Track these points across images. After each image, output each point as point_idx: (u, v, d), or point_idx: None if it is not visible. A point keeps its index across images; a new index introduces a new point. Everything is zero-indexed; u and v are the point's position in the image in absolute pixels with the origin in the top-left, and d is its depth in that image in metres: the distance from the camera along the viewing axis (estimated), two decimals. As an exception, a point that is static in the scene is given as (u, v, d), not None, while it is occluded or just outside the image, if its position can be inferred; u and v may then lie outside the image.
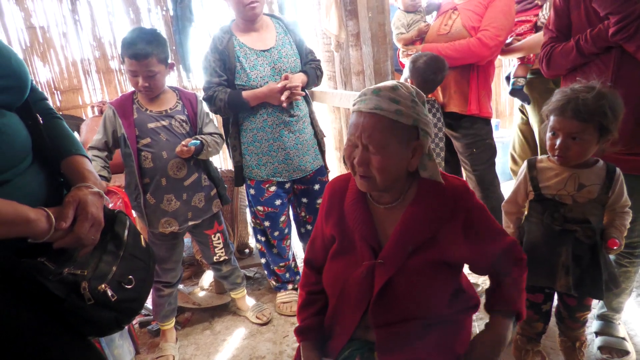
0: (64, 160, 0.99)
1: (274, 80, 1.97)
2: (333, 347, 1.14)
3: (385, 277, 1.04)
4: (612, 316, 1.70)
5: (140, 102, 1.83)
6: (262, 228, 2.19)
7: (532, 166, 1.36)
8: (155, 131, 1.81)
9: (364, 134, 0.99)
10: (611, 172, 1.27)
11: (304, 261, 1.29)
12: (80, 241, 0.88)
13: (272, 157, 2.05)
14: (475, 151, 2.13)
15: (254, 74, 1.95)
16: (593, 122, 1.18)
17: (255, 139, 2.04)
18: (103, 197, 0.96)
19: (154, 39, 1.73)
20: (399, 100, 0.98)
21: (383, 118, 0.98)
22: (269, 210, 2.12)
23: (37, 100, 1.03)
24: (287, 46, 2.04)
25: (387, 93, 0.99)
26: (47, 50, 3.08)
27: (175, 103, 1.87)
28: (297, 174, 2.10)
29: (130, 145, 1.78)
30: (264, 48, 1.99)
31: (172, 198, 1.87)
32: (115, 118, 1.79)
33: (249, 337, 2.11)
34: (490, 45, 1.95)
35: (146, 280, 1.01)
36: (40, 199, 0.90)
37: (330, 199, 1.18)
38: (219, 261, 2.13)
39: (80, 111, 3.20)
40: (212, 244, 2.08)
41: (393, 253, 1.05)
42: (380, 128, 0.98)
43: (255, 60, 1.97)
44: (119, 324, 0.94)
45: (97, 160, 1.78)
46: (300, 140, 2.07)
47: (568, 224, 1.27)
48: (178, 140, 1.83)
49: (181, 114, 1.86)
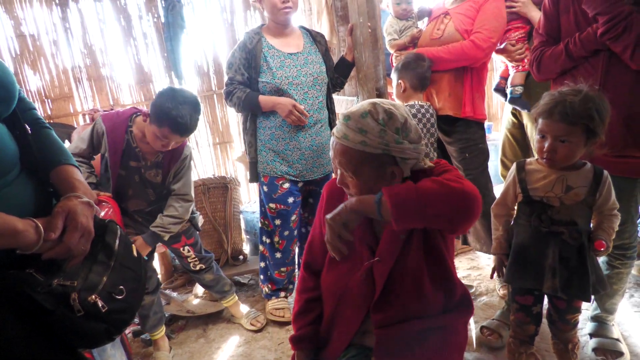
0: (53, 170, 0.98)
1: (299, 81, 2.03)
2: (330, 353, 1.13)
3: (385, 273, 1.05)
4: (605, 317, 1.71)
5: (134, 133, 1.80)
6: (269, 229, 2.19)
7: (520, 168, 1.37)
8: (133, 170, 1.83)
9: (336, 159, 1.03)
10: (598, 174, 1.28)
11: (302, 264, 1.28)
12: (70, 252, 0.87)
13: (287, 156, 2.08)
14: (468, 156, 2.15)
15: (280, 73, 2.01)
16: (580, 125, 1.20)
17: (272, 137, 2.08)
18: (93, 206, 0.95)
19: (197, 119, 1.72)
20: (366, 130, 0.98)
21: (349, 148, 1.00)
22: (282, 208, 2.13)
23: (26, 109, 1.02)
24: (313, 54, 2.11)
25: (354, 123, 0.99)
26: (37, 58, 3.06)
27: (157, 154, 1.85)
28: (309, 175, 2.14)
29: (112, 171, 1.79)
30: (291, 51, 2.06)
31: (127, 221, 1.90)
32: (103, 139, 1.78)
33: (244, 344, 2.10)
34: (484, 47, 1.98)
35: (137, 290, 1.00)
36: (28, 210, 0.89)
37: (329, 201, 1.19)
38: (195, 269, 2.13)
39: (71, 119, 3.18)
40: (183, 255, 2.10)
41: (387, 247, 1.06)
42: (349, 157, 1.00)
43: (282, 61, 2.03)
44: (110, 336, 0.92)
45: (83, 167, 1.79)
46: (316, 143, 2.11)
47: (555, 225, 1.28)
48: (147, 187, 1.86)
49: (155, 169, 1.86)
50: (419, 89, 2.03)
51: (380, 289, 1.05)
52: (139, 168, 1.83)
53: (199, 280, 2.22)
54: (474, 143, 2.14)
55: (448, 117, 2.12)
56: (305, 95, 2.05)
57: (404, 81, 2.02)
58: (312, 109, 2.08)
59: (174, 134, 1.67)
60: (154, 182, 1.87)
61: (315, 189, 2.26)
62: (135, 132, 1.80)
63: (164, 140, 1.69)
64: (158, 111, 1.64)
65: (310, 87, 2.07)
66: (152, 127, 1.69)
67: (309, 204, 2.31)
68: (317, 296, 1.21)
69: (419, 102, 2.01)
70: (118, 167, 1.79)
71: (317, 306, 1.21)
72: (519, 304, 1.44)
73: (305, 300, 1.22)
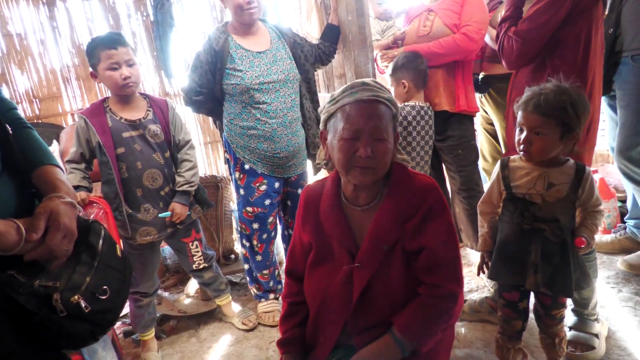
0: (35, 170, 0.97)
1: (270, 79, 1.98)
2: (317, 356, 1.13)
3: (364, 280, 1.05)
4: (582, 312, 1.71)
5: (112, 109, 1.81)
6: (248, 233, 2.17)
7: (504, 165, 1.38)
8: (129, 141, 1.80)
9: (371, 121, 1.00)
10: (580, 171, 1.29)
11: (285, 271, 1.29)
12: (53, 253, 0.86)
13: (262, 156, 2.05)
14: (461, 152, 2.16)
15: (250, 74, 1.97)
16: (554, 117, 1.21)
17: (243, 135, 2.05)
18: (76, 207, 0.94)
19: (120, 34, 1.80)
20: (385, 89, 1.05)
21: (382, 104, 1.02)
22: (258, 211, 2.11)
23: (6, 110, 1.00)
24: (281, 50, 2.07)
25: (374, 83, 1.04)
26: (24, 58, 3.03)
27: (146, 112, 1.85)
28: (284, 174, 2.11)
29: (108, 153, 1.75)
30: (260, 50, 2.02)
31: (149, 207, 1.86)
32: (88, 127, 1.76)
33: (235, 343, 2.10)
34: (476, 39, 2.02)
35: (122, 290, 0.99)
36: (10, 211, 0.88)
37: (306, 207, 1.18)
38: (198, 269, 2.11)
39: (60, 119, 3.16)
40: (190, 252, 2.07)
41: (369, 255, 1.06)
42: (382, 114, 1.02)
43: (251, 61, 1.99)
44: (94, 336, 0.92)
45: (76, 173, 1.77)
46: (292, 143, 2.08)
47: (537, 222, 1.29)
48: (152, 150, 1.83)
49: (153, 124, 1.85)
50: (420, 87, 1.99)
51: (357, 295, 1.05)
52: (134, 137, 1.81)
53: (197, 278, 2.20)
54: (467, 140, 2.16)
55: (442, 114, 2.12)
56: (277, 94, 2.01)
57: (407, 81, 1.95)
58: (285, 107, 2.03)
59: (111, 50, 1.69)
60: (157, 141, 1.85)
61: (292, 190, 2.22)
62: (112, 106, 1.81)
63: (114, 67, 1.71)
64: (89, 51, 1.73)
65: (282, 85, 2.02)
66: (99, 71, 1.73)
67: (287, 206, 2.28)
68: (301, 300, 1.22)
69: (420, 102, 1.97)
70: (113, 146, 1.76)
71: (302, 309, 1.21)
72: (505, 299, 1.45)
73: (290, 304, 1.23)
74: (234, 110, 2.04)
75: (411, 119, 1.91)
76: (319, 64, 2.25)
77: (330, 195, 1.14)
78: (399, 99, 2.00)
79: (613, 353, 1.66)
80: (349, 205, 1.13)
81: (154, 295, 2.03)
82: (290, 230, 2.33)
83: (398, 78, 1.98)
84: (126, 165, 1.79)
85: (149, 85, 3.32)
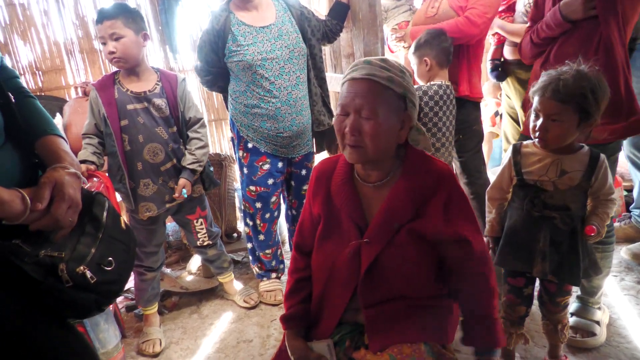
0: (39, 140, 0.95)
1: (273, 55, 1.93)
2: (321, 331, 1.14)
3: (372, 256, 1.04)
4: (587, 299, 1.72)
5: (121, 81, 1.80)
6: (251, 212, 2.17)
7: (516, 151, 1.35)
8: (133, 113, 1.78)
9: (357, 98, 1.01)
10: (595, 158, 1.25)
11: (293, 246, 1.29)
12: (58, 223, 0.85)
13: (267, 136, 2.02)
14: (461, 137, 2.12)
15: (252, 50, 1.91)
16: (572, 103, 1.17)
17: (247, 113, 2.01)
18: (80, 178, 0.93)
19: (121, 6, 1.73)
20: (389, 68, 1.02)
21: (376, 83, 1.01)
22: (261, 190, 2.10)
23: (8, 78, 0.98)
24: (287, 23, 2.00)
25: (378, 62, 1.03)
26: (27, 28, 2.98)
27: (154, 85, 1.83)
28: (289, 153, 2.09)
29: (112, 125, 1.74)
30: (263, 24, 1.96)
31: (148, 182, 1.84)
32: (98, 99, 1.76)
33: (237, 320, 2.11)
34: (479, 22, 1.93)
35: (127, 262, 0.99)
36: (14, 180, 0.87)
37: (318, 179, 1.18)
38: (202, 245, 2.11)
39: (63, 92, 3.12)
40: (194, 229, 2.07)
41: (378, 231, 1.05)
42: (373, 92, 1.01)
43: (254, 37, 1.93)
44: (99, 306, 0.92)
45: (88, 148, 1.76)
46: (297, 123, 2.04)
47: (547, 210, 1.27)
48: (156, 124, 1.81)
49: (159, 98, 1.82)
50: (444, 65, 1.90)
51: (364, 270, 1.05)
52: (138, 110, 1.79)
53: (201, 254, 2.21)
54: (468, 125, 2.10)
55: None
56: (281, 70, 1.96)
57: (429, 58, 1.86)
58: (290, 85, 1.98)
59: (97, 25, 1.69)
60: (161, 116, 1.83)
61: (296, 171, 2.20)
62: (121, 78, 1.81)
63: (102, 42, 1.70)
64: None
65: (287, 62, 1.97)
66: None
67: (291, 186, 2.26)
68: (307, 276, 1.22)
69: (445, 81, 1.88)
70: (118, 118, 1.76)
71: (307, 285, 1.21)
72: (510, 285, 1.45)
73: (296, 280, 1.22)
74: (238, 88, 2.01)
75: (438, 98, 1.83)
76: (325, 40, 2.20)
77: (343, 170, 1.13)
78: (422, 78, 1.93)
79: (613, 340, 1.67)
80: (361, 181, 1.12)
81: (159, 271, 2.04)
82: (293, 211, 2.32)
83: (420, 55, 1.89)
84: (128, 137, 1.78)
85: (153, 60, 3.28)
